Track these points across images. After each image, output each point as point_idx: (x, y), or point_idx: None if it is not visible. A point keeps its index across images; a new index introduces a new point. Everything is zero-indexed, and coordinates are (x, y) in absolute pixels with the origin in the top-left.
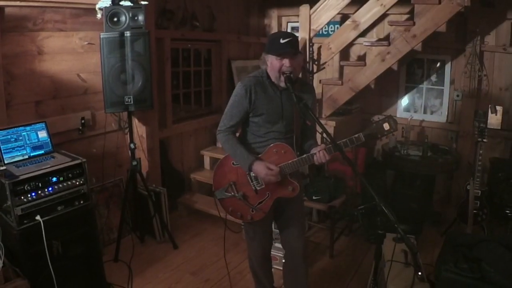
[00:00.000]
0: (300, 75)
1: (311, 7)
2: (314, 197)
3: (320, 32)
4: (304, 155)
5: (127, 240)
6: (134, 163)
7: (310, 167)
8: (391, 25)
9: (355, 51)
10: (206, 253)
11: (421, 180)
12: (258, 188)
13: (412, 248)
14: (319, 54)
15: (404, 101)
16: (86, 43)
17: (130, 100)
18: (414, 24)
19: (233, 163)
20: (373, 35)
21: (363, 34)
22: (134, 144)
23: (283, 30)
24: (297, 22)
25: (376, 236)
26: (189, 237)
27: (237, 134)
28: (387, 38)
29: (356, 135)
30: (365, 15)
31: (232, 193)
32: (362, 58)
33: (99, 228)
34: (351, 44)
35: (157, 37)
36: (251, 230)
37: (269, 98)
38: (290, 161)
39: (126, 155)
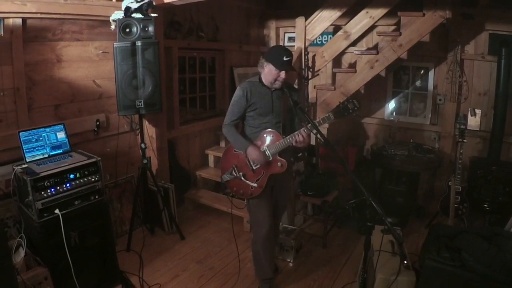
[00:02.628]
0: (297, 81)
1: (306, 19)
2: (309, 192)
3: (315, 42)
4: (287, 137)
5: (138, 232)
6: (145, 161)
7: (306, 165)
8: (379, 36)
9: (346, 59)
10: (210, 243)
11: (407, 177)
12: (254, 168)
13: (398, 238)
14: (313, 62)
15: (391, 104)
16: (101, 52)
17: (141, 104)
18: (400, 34)
19: (234, 150)
20: (363, 45)
21: (353, 43)
22: (145, 144)
23: (280, 40)
24: (294, 32)
25: (365, 228)
26: (195, 229)
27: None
28: (375, 47)
29: (327, 115)
30: (356, 26)
31: (235, 174)
32: (353, 66)
33: (112, 221)
34: (342, 52)
35: (166, 46)
36: (254, 207)
37: (262, 96)
38: (276, 142)
39: (137, 154)
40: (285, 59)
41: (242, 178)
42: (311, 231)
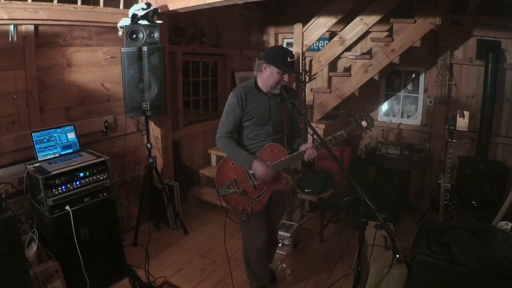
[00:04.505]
0: (294, 85)
1: (303, 26)
2: (306, 190)
3: (312, 47)
4: (295, 153)
5: (145, 227)
6: (151, 160)
7: (303, 164)
8: (373, 41)
9: (341, 64)
10: (213, 238)
11: (399, 175)
12: (256, 184)
13: (391, 233)
14: (310, 66)
15: (384, 106)
16: (109, 56)
17: (147, 106)
18: (393, 40)
19: (232, 163)
20: (357, 50)
21: (348, 49)
22: (151, 144)
23: (279, 45)
24: (292, 38)
25: (359, 223)
26: (198, 224)
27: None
28: (369, 52)
29: (339, 132)
30: (350, 33)
31: (234, 190)
32: (347, 70)
33: (120, 217)
34: (338, 57)
35: (171, 51)
36: (251, 222)
37: (258, 104)
38: (282, 159)
39: (144, 153)
40: (289, 60)
41: (242, 194)
42: (308, 226)
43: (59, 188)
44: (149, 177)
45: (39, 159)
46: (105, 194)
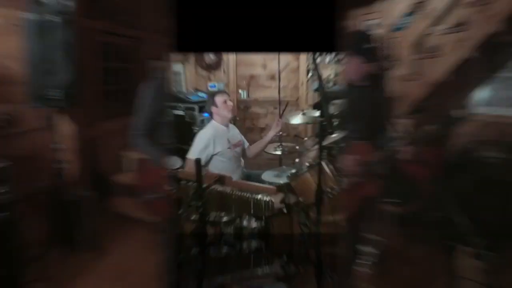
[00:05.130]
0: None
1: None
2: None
3: (395, 27)
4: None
5: (52, 253)
6: (59, 166)
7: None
8: (467, 7)
9: (429, 43)
10: (133, 256)
11: (504, 186)
12: None
13: (490, 265)
14: (392, 49)
15: (483, 94)
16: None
17: (56, 95)
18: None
19: None
20: (448, 23)
21: (437, 23)
22: (59, 145)
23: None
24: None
25: (445, 247)
26: (115, 242)
27: None
28: (462, 24)
29: (426, 128)
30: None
31: None
32: (436, 49)
33: (17, 244)
34: (425, 35)
35: (87, 27)
36: None
37: None
38: None
39: (51, 156)
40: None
41: None
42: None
43: None
44: (57, 188)
45: None
46: None
